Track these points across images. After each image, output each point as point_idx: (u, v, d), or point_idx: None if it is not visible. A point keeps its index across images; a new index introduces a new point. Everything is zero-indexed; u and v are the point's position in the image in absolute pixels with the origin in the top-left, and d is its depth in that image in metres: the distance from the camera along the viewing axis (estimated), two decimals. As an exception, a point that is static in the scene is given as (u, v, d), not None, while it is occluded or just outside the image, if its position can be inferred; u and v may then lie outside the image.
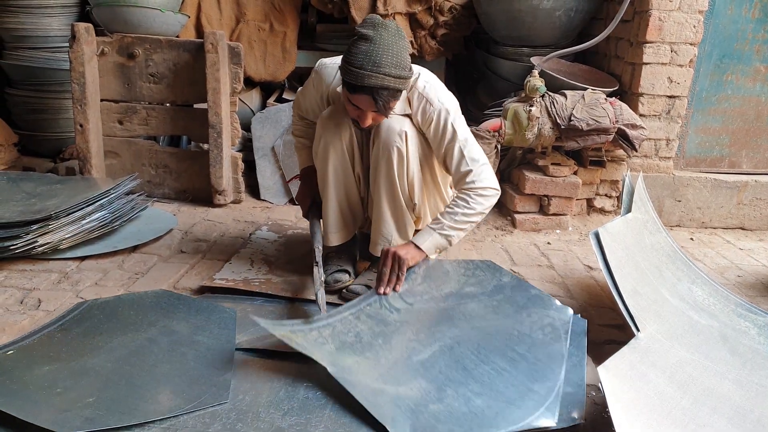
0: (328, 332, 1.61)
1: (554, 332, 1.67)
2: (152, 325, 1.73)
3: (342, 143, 1.96)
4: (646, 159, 3.07)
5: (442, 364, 1.54)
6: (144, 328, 1.71)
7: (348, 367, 1.50)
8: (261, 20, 3.49)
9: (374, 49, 1.63)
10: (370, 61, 1.63)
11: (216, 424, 1.32)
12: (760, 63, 3.06)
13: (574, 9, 3.07)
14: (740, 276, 2.50)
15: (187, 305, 1.84)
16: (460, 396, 1.43)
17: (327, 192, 2.04)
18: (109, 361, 1.54)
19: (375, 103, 1.69)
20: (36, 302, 1.87)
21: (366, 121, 1.78)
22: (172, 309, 1.82)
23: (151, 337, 1.66)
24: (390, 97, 1.70)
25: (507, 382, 1.49)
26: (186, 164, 2.98)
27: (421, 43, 3.45)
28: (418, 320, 1.73)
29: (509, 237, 2.79)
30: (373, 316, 1.72)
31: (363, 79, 1.64)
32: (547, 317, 1.73)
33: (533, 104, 2.74)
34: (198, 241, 2.45)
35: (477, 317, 1.74)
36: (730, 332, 1.80)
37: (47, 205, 2.23)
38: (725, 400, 1.45)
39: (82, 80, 2.74)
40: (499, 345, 1.62)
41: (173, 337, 1.67)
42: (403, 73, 1.68)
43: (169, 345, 1.63)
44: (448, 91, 1.93)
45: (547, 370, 1.53)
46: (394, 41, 1.66)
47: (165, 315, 1.78)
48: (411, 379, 1.49)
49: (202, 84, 2.78)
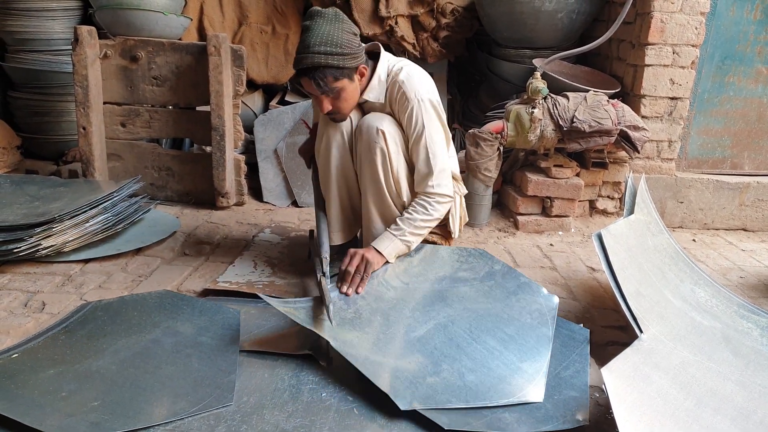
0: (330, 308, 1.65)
1: (541, 317, 1.75)
2: (156, 326, 1.73)
3: (344, 138, 1.98)
4: (648, 160, 3.07)
5: (437, 341, 1.63)
6: (148, 329, 1.72)
7: (349, 341, 1.57)
8: (263, 23, 3.50)
9: (306, 35, 1.74)
10: (302, 46, 1.74)
11: (221, 426, 1.33)
12: (762, 64, 3.06)
13: (576, 11, 3.07)
14: (742, 277, 2.50)
15: (191, 306, 1.85)
16: (454, 371, 1.52)
17: (330, 191, 2.06)
18: (113, 363, 1.54)
19: (316, 84, 1.76)
20: (40, 305, 1.87)
21: (323, 107, 1.83)
22: (176, 310, 1.83)
23: (155, 339, 1.67)
24: (327, 74, 1.74)
25: (498, 360, 1.58)
26: (189, 167, 2.99)
27: (423, 45, 3.45)
28: (414, 299, 1.80)
29: (512, 239, 2.79)
30: (371, 293, 1.79)
31: (298, 63, 1.76)
32: (535, 303, 1.80)
33: (535, 106, 2.74)
34: (201, 244, 2.46)
35: (469, 299, 1.81)
36: (733, 333, 1.80)
37: (50, 208, 2.24)
38: (728, 402, 1.45)
39: (85, 83, 2.75)
40: (490, 326, 1.70)
41: (177, 338, 1.67)
42: (336, 49, 1.72)
43: (173, 346, 1.63)
44: (429, 87, 1.93)
45: (534, 351, 1.62)
46: (327, 24, 1.74)
47: (169, 316, 1.79)
48: (409, 354, 1.57)
49: (205, 86, 2.79)
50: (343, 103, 1.85)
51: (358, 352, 1.53)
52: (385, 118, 1.90)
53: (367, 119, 1.91)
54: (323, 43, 1.71)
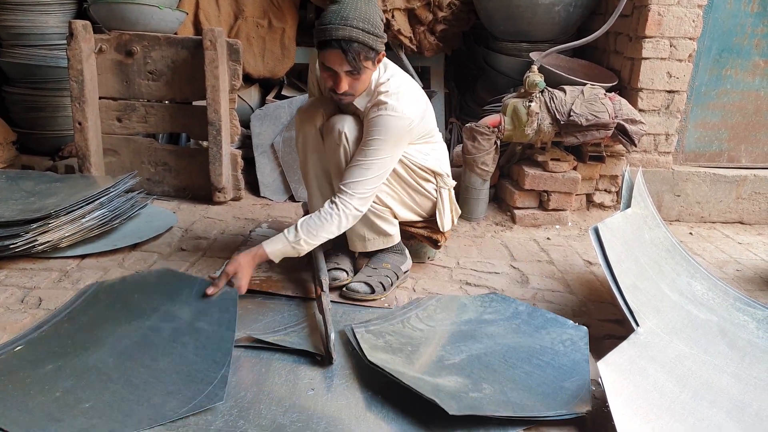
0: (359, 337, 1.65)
1: (574, 345, 1.73)
2: (155, 310, 1.76)
3: (319, 136, 1.99)
4: (645, 154, 3.07)
5: (473, 367, 1.59)
6: (148, 314, 1.74)
7: (383, 359, 1.54)
8: (259, 17, 3.48)
9: (342, 8, 1.71)
10: (337, 17, 1.69)
11: (218, 422, 1.33)
12: (759, 57, 3.06)
13: (573, 4, 3.06)
14: (739, 270, 2.50)
15: (190, 287, 1.86)
16: (496, 390, 1.49)
17: (310, 185, 2.09)
18: (111, 355, 1.55)
19: (345, 56, 1.70)
20: (37, 301, 1.87)
21: (341, 85, 1.78)
22: (176, 291, 1.85)
23: (154, 325, 1.69)
24: (360, 50, 1.70)
25: (538, 380, 1.55)
26: (185, 162, 2.98)
27: (420, 38, 3.44)
28: (443, 337, 1.77)
29: (509, 233, 2.79)
30: (397, 332, 1.75)
31: (331, 32, 1.69)
32: (566, 333, 1.79)
33: (532, 100, 2.74)
34: (198, 239, 2.46)
35: (499, 335, 1.78)
36: (729, 326, 1.80)
37: (46, 204, 2.23)
38: (724, 394, 1.46)
39: (80, 78, 2.74)
40: (524, 355, 1.67)
41: (175, 324, 1.69)
42: (373, 29, 1.70)
43: (170, 334, 1.65)
44: (413, 104, 1.87)
45: (573, 372, 1.60)
46: (362, 2, 1.71)
47: (169, 298, 1.81)
48: (446, 375, 1.53)
49: (201, 81, 2.78)
50: (361, 85, 1.82)
51: (396, 368, 1.49)
52: (347, 120, 1.89)
53: (332, 120, 1.91)
54: (362, 20, 1.68)
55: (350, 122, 1.90)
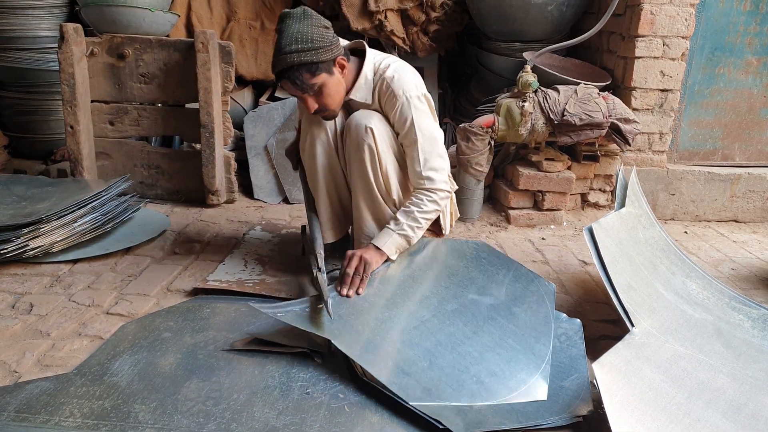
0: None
1: (569, 339, 1.79)
2: (473, 282, 1.88)
3: (328, 137, 1.97)
4: (639, 153, 3.07)
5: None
6: (465, 284, 1.87)
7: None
8: (252, 18, 3.47)
9: (278, 39, 1.73)
10: (275, 50, 1.73)
11: (210, 424, 1.32)
12: (752, 55, 3.07)
13: (565, 3, 3.06)
14: (734, 269, 2.50)
15: (507, 268, 1.99)
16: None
17: (318, 189, 2.05)
18: (435, 315, 1.69)
19: (294, 84, 1.74)
20: (28, 306, 1.85)
21: (309, 106, 1.81)
22: (493, 269, 1.97)
23: (474, 298, 1.79)
24: (301, 72, 1.72)
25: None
26: (178, 165, 2.96)
27: (413, 39, 3.43)
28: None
29: (503, 233, 2.79)
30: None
31: (273, 67, 1.75)
32: (560, 328, 1.84)
33: (526, 100, 2.73)
34: (191, 242, 2.44)
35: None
36: (724, 326, 1.80)
37: (38, 208, 2.21)
38: (720, 394, 1.45)
39: (71, 81, 2.72)
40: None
41: (491, 301, 1.79)
42: (306, 45, 1.71)
43: (488, 311, 1.75)
44: (418, 83, 1.91)
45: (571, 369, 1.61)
46: (295, 23, 1.72)
47: (483, 273, 1.93)
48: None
49: (194, 84, 2.77)
50: (328, 99, 1.82)
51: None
52: (373, 115, 1.88)
53: (355, 117, 1.89)
54: (293, 42, 1.70)
55: (377, 118, 1.88)
